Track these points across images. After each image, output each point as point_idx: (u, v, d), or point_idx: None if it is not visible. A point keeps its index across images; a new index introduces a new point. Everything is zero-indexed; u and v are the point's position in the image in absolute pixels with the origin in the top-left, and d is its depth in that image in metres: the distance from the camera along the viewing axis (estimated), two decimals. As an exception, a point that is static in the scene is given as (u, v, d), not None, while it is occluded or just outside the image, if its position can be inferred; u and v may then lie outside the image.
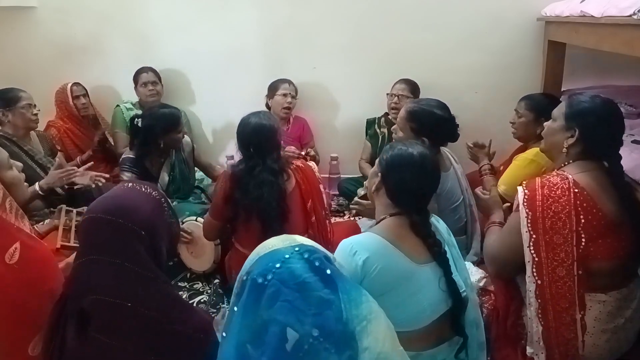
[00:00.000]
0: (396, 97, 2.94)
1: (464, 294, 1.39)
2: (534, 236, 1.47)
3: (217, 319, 1.33)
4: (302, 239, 1.01)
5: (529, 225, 1.47)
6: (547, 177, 1.53)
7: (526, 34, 2.99)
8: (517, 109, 2.42)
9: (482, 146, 2.47)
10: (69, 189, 2.42)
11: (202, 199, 2.85)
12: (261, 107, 2.92)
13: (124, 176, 2.52)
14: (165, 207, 1.30)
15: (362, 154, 3.22)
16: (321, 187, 2.17)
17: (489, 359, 1.59)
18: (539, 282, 1.46)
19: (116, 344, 1.15)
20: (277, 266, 0.92)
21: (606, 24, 1.84)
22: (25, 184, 2.20)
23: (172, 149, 2.70)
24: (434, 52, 3.11)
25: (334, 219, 2.84)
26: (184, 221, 2.44)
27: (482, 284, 1.77)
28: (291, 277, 0.91)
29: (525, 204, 1.49)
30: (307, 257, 0.94)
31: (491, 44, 3.03)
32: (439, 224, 1.49)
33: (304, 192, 2.05)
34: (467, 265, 1.75)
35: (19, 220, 1.78)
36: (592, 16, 1.94)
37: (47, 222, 2.19)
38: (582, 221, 1.44)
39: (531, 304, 1.49)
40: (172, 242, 1.39)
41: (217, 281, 2.39)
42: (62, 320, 1.20)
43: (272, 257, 0.94)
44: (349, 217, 3.06)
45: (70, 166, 2.50)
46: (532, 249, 1.47)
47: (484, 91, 3.13)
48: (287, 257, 0.94)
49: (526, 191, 1.51)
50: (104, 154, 3.23)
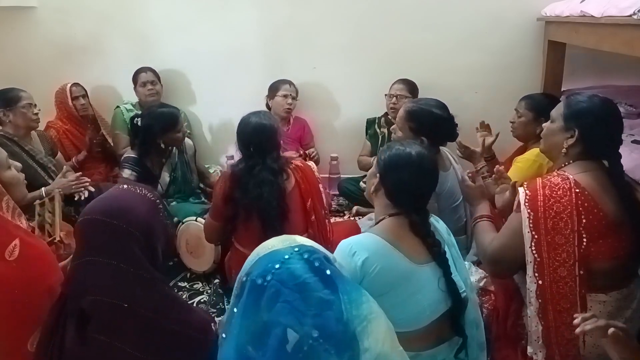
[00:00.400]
0: (394, 98, 2.94)
1: (463, 294, 1.39)
2: (536, 236, 1.46)
3: (222, 320, 1.33)
4: (302, 239, 1.00)
5: (531, 225, 1.46)
6: (548, 177, 1.53)
7: (526, 34, 2.99)
8: (517, 108, 2.42)
9: (487, 127, 2.52)
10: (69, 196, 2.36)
11: (202, 199, 2.85)
12: (261, 107, 2.91)
13: (123, 173, 2.52)
14: (160, 208, 1.31)
15: (361, 151, 3.21)
16: (321, 186, 2.17)
17: (489, 359, 1.59)
18: (540, 282, 1.46)
19: (116, 345, 1.16)
20: (277, 267, 0.92)
21: (606, 24, 1.84)
22: (24, 182, 2.19)
23: (173, 149, 2.70)
24: (434, 52, 3.11)
25: (334, 219, 2.84)
26: (183, 221, 2.45)
27: (482, 284, 1.77)
28: (291, 278, 0.91)
29: (526, 204, 1.48)
30: (306, 257, 0.94)
31: (491, 44, 3.04)
32: (438, 223, 1.49)
33: (303, 192, 2.05)
34: (467, 265, 1.76)
35: (16, 218, 1.77)
36: (592, 16, 1.94)
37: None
38: (584, 221, 1.43)
39: (531, 304, 1.48)
40: (169, 243, 1.39)
41: (217, 281, 2.39)
42: (61, 320, 1.21)
43: (271, 258, 0.94)
44: (349, 217, 3.06)
45: (68, 167, 2.48)
46: (534, 249, 1.46)
47: (484, 91, 3.13)
48: (286, 257, 0.93)
49: (527, 192, 1.50)
50: (104, 154, 3.22)
